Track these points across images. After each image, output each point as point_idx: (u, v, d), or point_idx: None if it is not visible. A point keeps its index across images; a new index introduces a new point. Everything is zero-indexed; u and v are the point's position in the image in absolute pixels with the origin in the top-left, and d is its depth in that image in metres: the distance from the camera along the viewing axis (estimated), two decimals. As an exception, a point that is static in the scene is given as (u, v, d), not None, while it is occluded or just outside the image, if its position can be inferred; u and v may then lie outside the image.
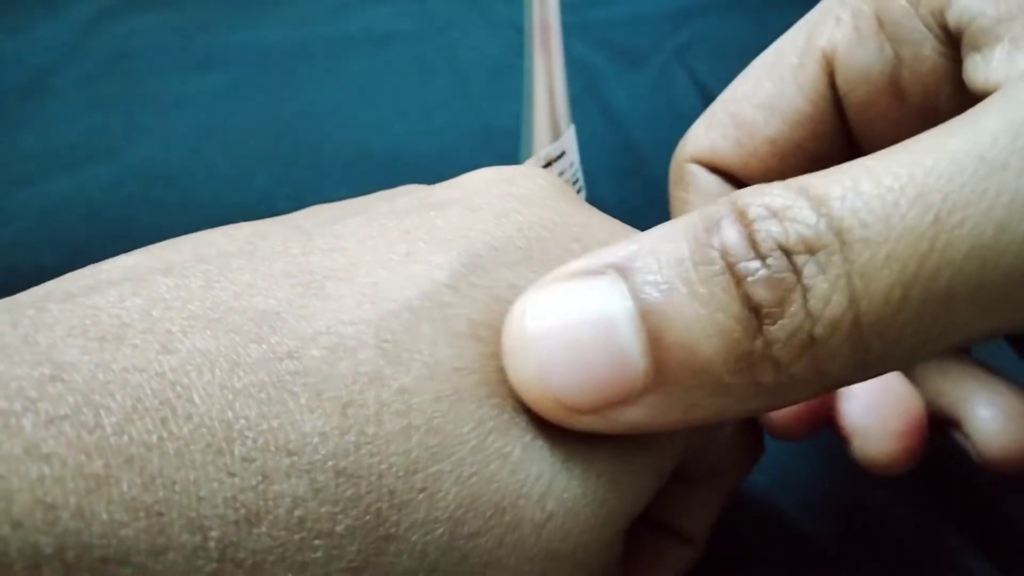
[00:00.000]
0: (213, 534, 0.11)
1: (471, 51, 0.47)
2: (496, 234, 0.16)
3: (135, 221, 0.36)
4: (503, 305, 0.15)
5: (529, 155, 0.30)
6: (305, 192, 0.37)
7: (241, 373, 0.12)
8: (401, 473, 0.13)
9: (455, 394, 0.14)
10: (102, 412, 0.11)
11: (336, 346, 0.13)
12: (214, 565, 0.11)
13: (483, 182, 0.19)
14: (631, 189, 0.37)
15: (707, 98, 0.42)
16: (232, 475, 0.12)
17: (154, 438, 0.11)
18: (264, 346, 0.13)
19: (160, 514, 0.11)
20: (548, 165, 0.31)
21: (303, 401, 0.13)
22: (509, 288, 0.15)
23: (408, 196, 0.18)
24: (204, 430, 0.12)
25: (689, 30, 0.48)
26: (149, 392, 0.12)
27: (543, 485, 0.14)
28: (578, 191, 0.32)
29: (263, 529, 0.12)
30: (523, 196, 0.18)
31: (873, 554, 0.23)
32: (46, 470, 0.11)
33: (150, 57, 0.48)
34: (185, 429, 0.12)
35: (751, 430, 0.21)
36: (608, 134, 0.40)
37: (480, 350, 0.14)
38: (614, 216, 0.18)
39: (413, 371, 0.14)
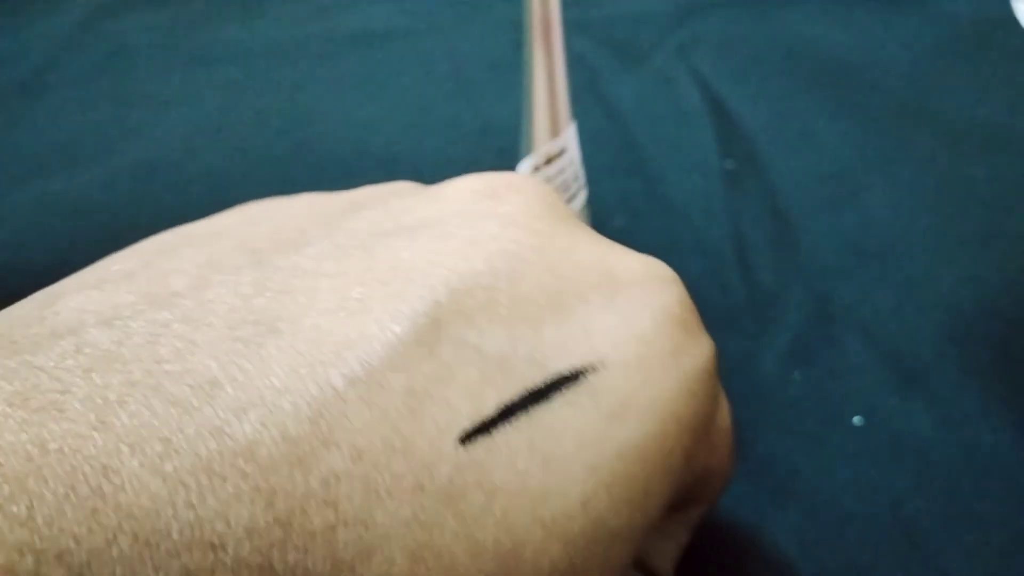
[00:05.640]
0: None
1: (470, 48, 0.47)
2: (462, 270, 0.15)
3: (130, 220, 0.36)
4: (448, 371, 0.14)
5: (529, 152, 0.30)
6: (302, 190, 0.37)
7: (172, 454, 0.12)
8: (328, 570, 0.12)
9: (386, 482, 0.13)
10: (35, 503, 0.11)
11: (266, 420, 0.12)
12: None
13: (467, 200, 0.18)
14: (632, 187, 0.36)
15: (709, 96, 0.42)
16: (157, 570, 0.11)
17: (84, 530, 0.11)
18: (197, 420, 0.12)
19: None
20: (548, 162, 0.30)
21: (230, 489, 0.12)
22: (456, 347, 0.14)
23: (388, 208, 0.18)
24: (133, 521, 0.11)
25: (691, 28, 0.47)
26: (81, 478, 0.11)
27: None
28: (578, 189, 0.32)
29: None
30: (505, 215, 0.17)
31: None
32: None
33: (145, 55, 0.47)
34: (115, 520, 0.11)
35: (722, 451, 0.19)
36: (609, 132, 0.40)
37: (414, 428, 0.13)
38: (615, 214, 0.18)
39: (344, 451, 0.13)
